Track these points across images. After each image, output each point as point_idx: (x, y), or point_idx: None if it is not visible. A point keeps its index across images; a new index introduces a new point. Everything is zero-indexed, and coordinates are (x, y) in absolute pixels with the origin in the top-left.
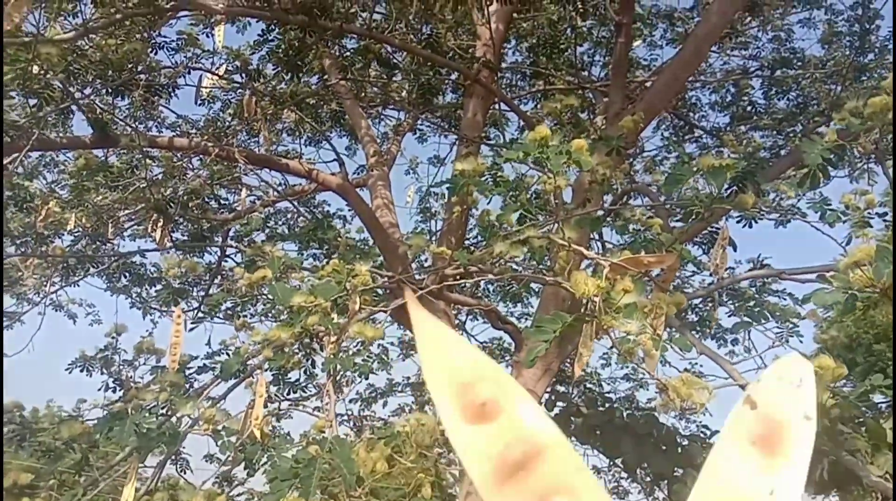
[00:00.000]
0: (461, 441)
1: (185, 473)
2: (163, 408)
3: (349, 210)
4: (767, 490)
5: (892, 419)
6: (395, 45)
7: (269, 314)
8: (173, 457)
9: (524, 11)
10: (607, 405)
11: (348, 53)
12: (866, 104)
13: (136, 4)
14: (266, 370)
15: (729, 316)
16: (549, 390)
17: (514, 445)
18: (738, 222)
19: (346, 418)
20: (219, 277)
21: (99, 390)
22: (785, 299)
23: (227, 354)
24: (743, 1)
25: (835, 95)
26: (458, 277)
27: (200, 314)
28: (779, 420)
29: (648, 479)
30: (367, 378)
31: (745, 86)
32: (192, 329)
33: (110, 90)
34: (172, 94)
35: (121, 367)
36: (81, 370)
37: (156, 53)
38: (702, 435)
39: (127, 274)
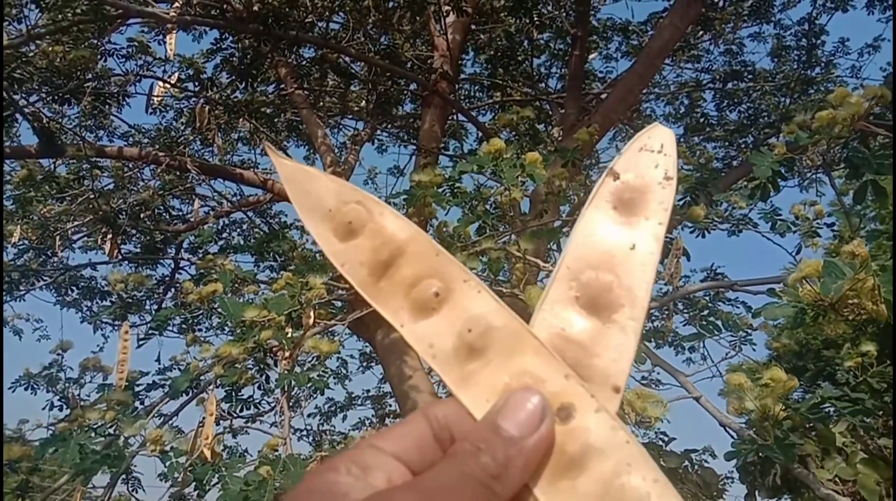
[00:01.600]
0: (338, 258)
1: (136, 492)
2: (109, 428)
3: None
4: (629, 244)
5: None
6: (352, 56)
7: (225, 328)
8: (124, 476)
9: (481, 23)
10: None
11: (305, 62)
12: (814, 118)
13: (83, 11)
14: (218, 387)
15: (684, 325)
16: None
17: (381, 248)
18: (691, 232)
19: (305, 433)
20: (172, 289)
21: (43, 409)
22: (738, 308)
23: (179, 369)
24: (695, 15)
25: (784, 107)
26: None
27: (150, 330)
28: (638, 186)
29: None
30: (322, 393)
31: (697, 98)
32: (140, 345)
33: (57, 98)
34: (123, 102)
35: (66, 385)
36: (26, 389)
37: (105, 61)
38: (660, 443)
39: (76, 287)
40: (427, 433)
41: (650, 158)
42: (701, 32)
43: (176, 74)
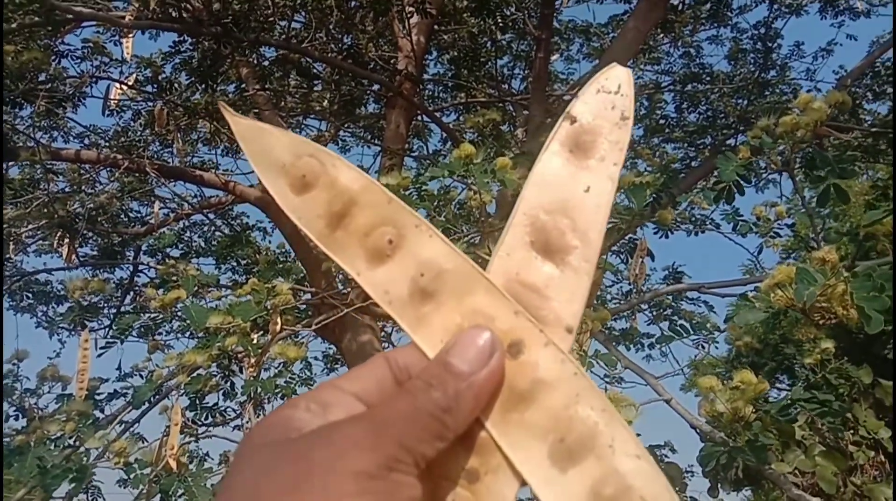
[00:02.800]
0: (295, 211)
1: None
2: (70, 439)
3: (269, 222)
4: (583, 187)
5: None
6: (314, 57)
7: (187, 332)
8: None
9: (445, 24)
10: None
11: (266, 63)
12: (777, 123)
13: (34, 12)
14: (182, 395)
15: (648, 324)
16: None
17: (335, 200)
18: (654, 232)
19: None
20: (131, 293)
21: None
22: (700, 307)
23: (141, 375)
24: (656, 19)
25: (741, 108)
26: None
27: (110, 338)
28: (595, 128)
29: None
30: (290, 399)
31: (657, 100)
32: (101, 354)
33: (9, 100)
34: (79, 104)
35: (23, 395)
36: None
37: (59, 62)
38: None
39: (31, 293)
40: (387, 375)
41: (607, 100)
42: (661, 35)
43: (133, 75)
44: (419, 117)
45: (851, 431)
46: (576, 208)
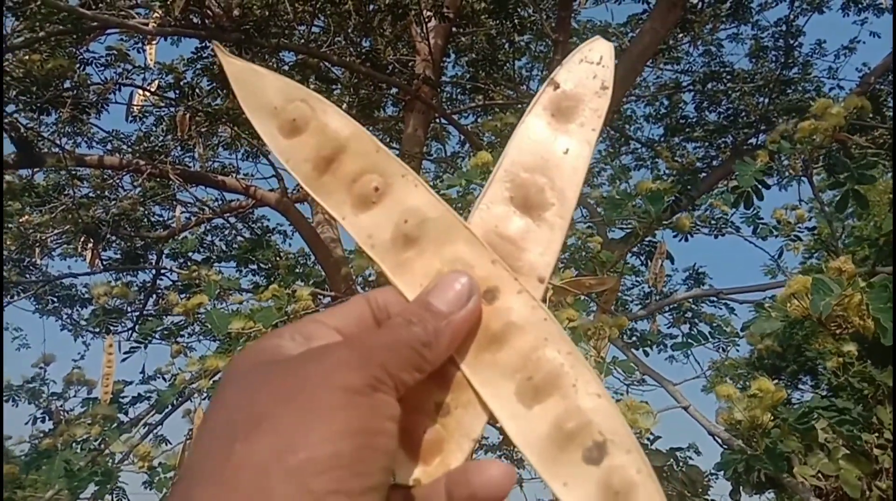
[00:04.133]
0: (284, 154)
1: None
2: (95, 442)
3: (290, 225)
4: (562, 149)
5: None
6: (333, 62)
7: (209, 335)
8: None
9: (463, 27)
10: None
11: (286, 67)
12: (796, 129)
13: (61, 20)
14: (204, 399)
15: (668, 327)
16: None
17: (324, 145)
18: (674, 235)
19: None
20: (154, 296)
21: (26, 423)
22: (721, 309)
23: (164, 379)
24: (674, 20)
25: (763, 107)
26: None
27: (134, 342)
28: (576, 95)
29: None
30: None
31: (677, 99)
32: (125, 359)
33: (35, 107)
34: (102, 110)
35: (49, 398)
36: (6, 401)
37: (84, 69)
38: (645, 443)
39: (56, 297)
40: (367, 313)
41: (589, 69)
42: (680, 34)
43: (156, 82)
44: (437, 120)
45: (876, 434)
46: (554, 168)
